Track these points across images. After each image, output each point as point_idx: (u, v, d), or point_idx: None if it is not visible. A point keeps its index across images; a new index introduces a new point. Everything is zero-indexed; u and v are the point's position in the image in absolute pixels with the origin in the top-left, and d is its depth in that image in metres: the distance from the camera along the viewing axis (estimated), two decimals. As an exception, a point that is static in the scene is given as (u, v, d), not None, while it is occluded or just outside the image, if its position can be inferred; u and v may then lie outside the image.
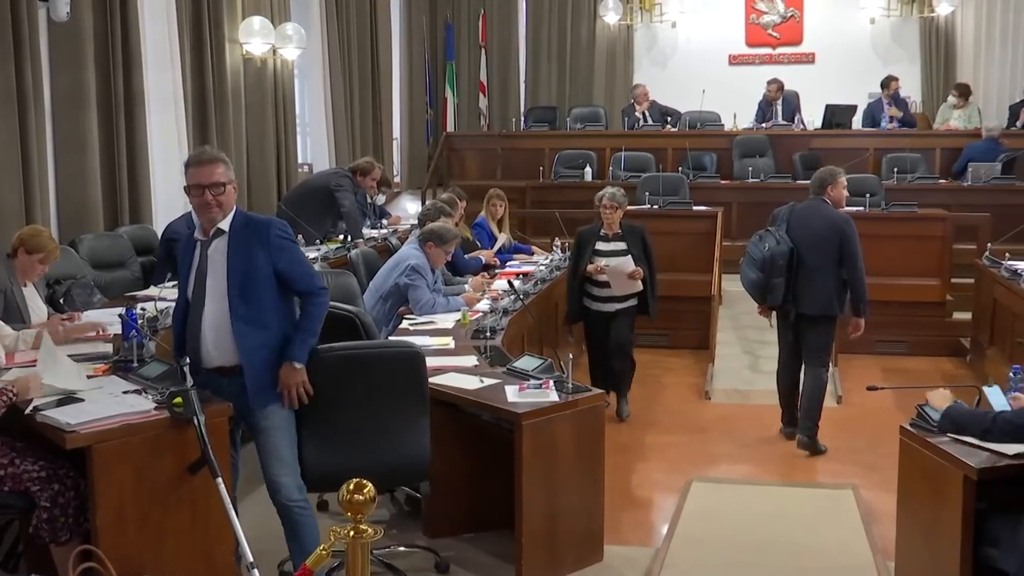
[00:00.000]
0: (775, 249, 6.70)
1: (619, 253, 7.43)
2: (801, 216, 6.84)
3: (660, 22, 15.46)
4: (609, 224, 7.46)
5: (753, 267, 6.79)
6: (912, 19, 14.82)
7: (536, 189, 11.80)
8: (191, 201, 4.29)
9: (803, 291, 6.75)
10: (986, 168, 11.11)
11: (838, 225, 6.72)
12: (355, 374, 4.45)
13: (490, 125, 15.49)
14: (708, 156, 12.15)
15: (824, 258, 6.69)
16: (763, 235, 6.84)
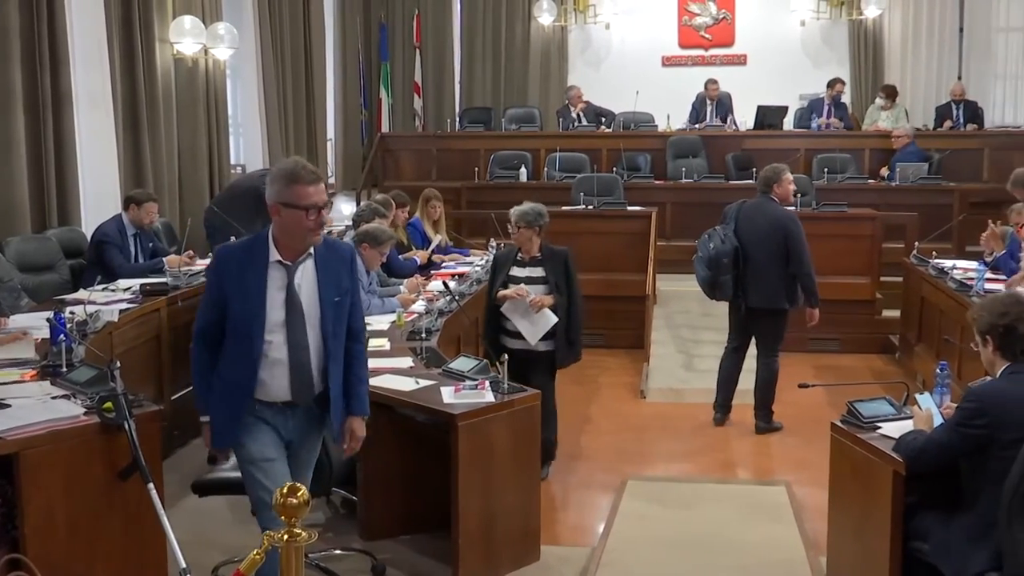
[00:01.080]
0: (719, 248, 7.02)
1: (535, 280, 6.17)
2: (748, 214, 7.12)
3: (594, 23, 15.53)
4: (524, 248, 6.23)
5: (702, 265, 7.12)
6: (841, 21, 15.03)
7: (471, 190, 11.79)
8: (287, 221, 3.83)
9: (751, 286, 7.06)
10: (913, 168, 11.30)
11: (783, 222, 7.00)
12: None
13: (425, 126, 15.45)
14: (642, 157, 12.23)
15: (770, 254, 6.98)
16: (711, 234, 7.14)
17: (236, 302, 3.84)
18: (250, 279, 3.84)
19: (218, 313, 3.88)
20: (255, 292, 3.83)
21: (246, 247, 3.95)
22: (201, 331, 3.94)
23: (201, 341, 3.93)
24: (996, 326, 3.89)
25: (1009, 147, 11.89)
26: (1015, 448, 3.56)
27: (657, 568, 5.12)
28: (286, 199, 3.80)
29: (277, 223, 3.85)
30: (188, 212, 9.85)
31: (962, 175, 11.61)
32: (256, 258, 3.86)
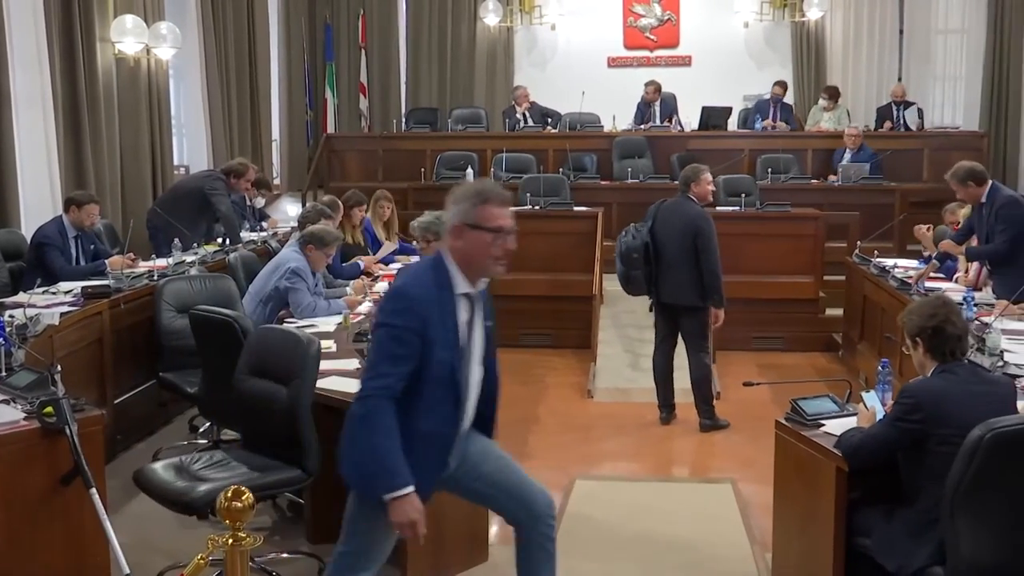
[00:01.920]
0: (629, 243, 7.31)
1: None
2: (665, 213, 7.35)
3: (540, 24, 15.56)
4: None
5: (617, 259, 7.42)
6: (784, 23, 15.19)
7: (418, 191, 11.77)
8: (471, 245, 3.51)
9: (662, 282, 7.30)
10: (855, 168, 11.45)
11: (695, 221, 7.20)
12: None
13: (371, 126, 15.40)
14: (588, 157, 12.27)
15: (681, 252, 7.18)
16: (627, 230, 7.43)
17: (440, 348, 3.45)
18: (448, 319, 3.49)
19: (415, 364, 3.42)
20: (454, 332, 3.50)
21: (432, 281, 3.51)
22: (389, 390, 3.39)
23: (389, 403, 3.39)
24: (925, 328, 3.96)
25: (948, 147, 12.08)
26: (950, 443, 3.62)
27: (604, 566, 5.14)
28: (473, 220, 3.50)
29: (457, 248, 3.53)
30: (130, 213, 9.75)
31: (902, 175, 11.78)
32: (444, 292, 3.51)
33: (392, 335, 3.42)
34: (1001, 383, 4.18)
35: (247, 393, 4.65)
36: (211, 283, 6.83)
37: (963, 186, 7.07)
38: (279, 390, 4.56)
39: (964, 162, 7.38)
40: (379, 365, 3.41)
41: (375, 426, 3.37)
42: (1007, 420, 3.60)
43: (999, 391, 4.00)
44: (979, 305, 6.45)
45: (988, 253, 7.06)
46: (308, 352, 4.55)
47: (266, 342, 4.79)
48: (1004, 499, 3.59)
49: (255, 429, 4.72)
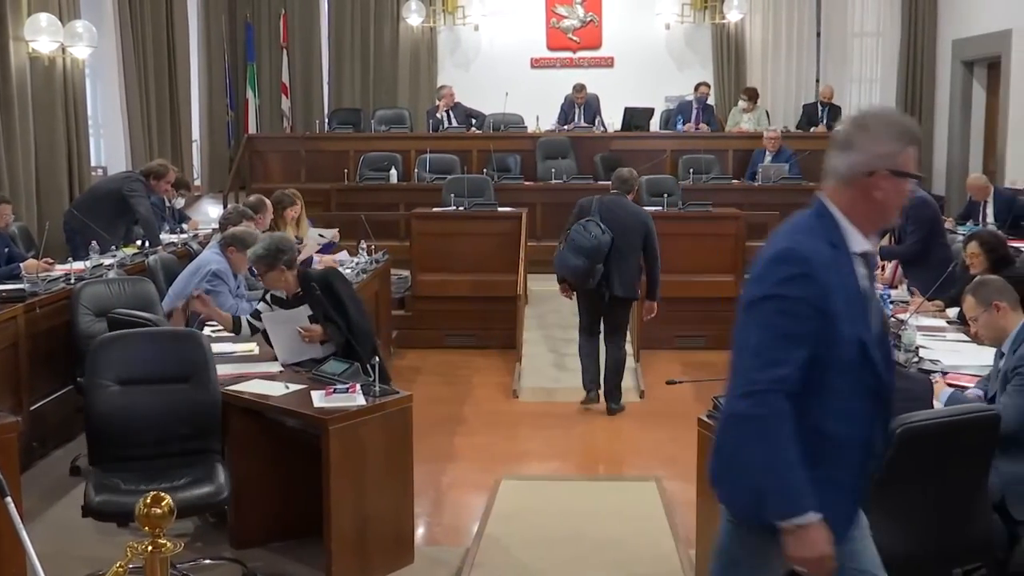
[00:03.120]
0: (601, 238, 7.41)
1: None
2: (609, 209, 7.56)
3: (463, 25, 15.55)
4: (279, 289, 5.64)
5: (579, 255, 7.44)
6: (704, 25, 15.36)
7: (341, 192, 11.71)
8: (888, 196, 2.77)
9: (614, 276, 7.50)
10: (775, 169, 11.63)
11: (643, 218, 7.67)
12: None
13: (293, 127, 15.27)
14: (512, 158, 12.30)
15: (631, 246, 7.53)
16: (587, 225, 7.48)
17: (846, 323, 2.69)
18: (849, 285, 2.75)
19: (811, 347, 2.67)
20: (859, 301, 2.76)
21: (823, 239, 2.78)
22: (786, 382, 2.66)
23: (787, 400, 2.65)
24: None
25: (864, 148, 12.29)
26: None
27: (530, 566, 5.15)
28: (899, 165, 2.76)
29: (867, 199, 2.78)
30: (46, 215, 9.55)
31: (821, 175, 11.94)
32: (840, 252, 2.77)
33: (784, 309, 2.68)
34: (918, 380, 4.28)
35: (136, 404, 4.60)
36: (130, 286, 6.72)
37: None
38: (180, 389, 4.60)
39: None
40: (770, 350, 2.68)
41: (771, 430, 2.63)
42: (918, 415, 3.69)
43: (915, 388, 4.09)
44: (895, 302, 6.59)
45: (901, 253, 7.23)
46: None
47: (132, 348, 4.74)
48: (916, 492, 3.68)
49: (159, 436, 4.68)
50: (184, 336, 4.98)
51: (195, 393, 4.75)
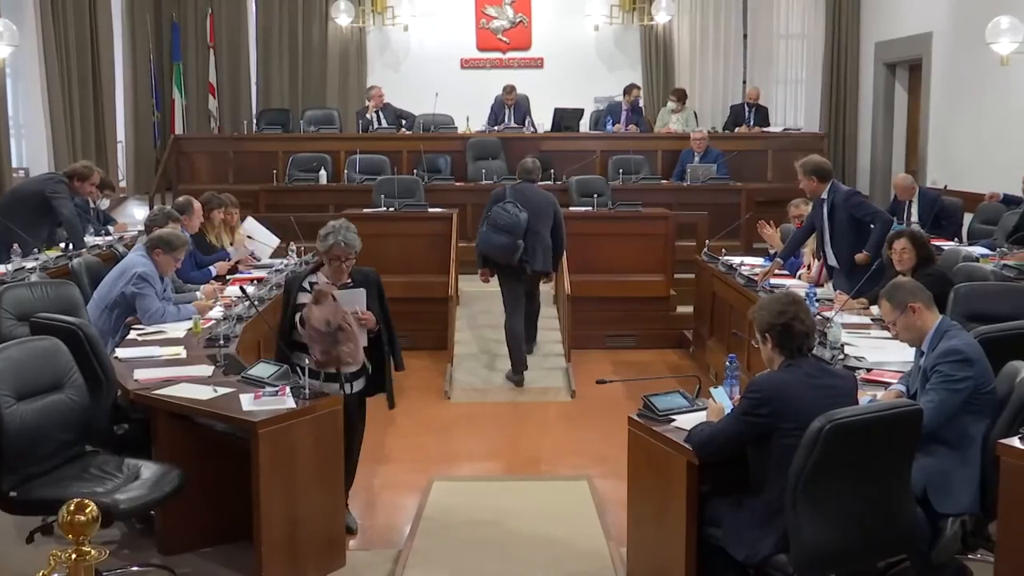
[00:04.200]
0: (519, 215, 8.20)
1: None
2: (520, 193, 8.40)
3: (392, 25, 15.49)
4: (336, 276, 5.38)
5: (501, 232, 8.21)
6: (633, 27, 15.47)
7: (270, 193, 11.62)
8: None
9: (533, 253, 8.30)
10: (703, 169, 11.75)
11: (550, 199, 8.61)
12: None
13: (221, 128, 15.09)
14: (442, 158, 12.29)
15: (544, 225, 8.38)
16: (504, 206, 8.24)
17: None
18: None
19: None
20: None
21: None
22: None
23: None
24: (775, 325, 4.09)
25: (790, 148, 12.44)
26: (795, 436, 3.76)
27: (463, 567, 5.16)
28: None
29: None
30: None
31: (748, 175, 12.15)
32: None
33: None
34: (844, 377, 4.35)
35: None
36: (53, 290, 6.56)
37: (807, 178, 7.35)
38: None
39: (817, 156, 7.71)
40: None
41: None
42: (845, 411, 3.76)
43: (842, 385, 4.16)
44: (821, 300, 6.69)
45: (882, 234, 7.22)
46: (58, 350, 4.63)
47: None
48: (842, 487, 3.75)
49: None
50: (46, 345, 4.81)
51: (72, 397, 4.68)
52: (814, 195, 7.41)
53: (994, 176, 10.17)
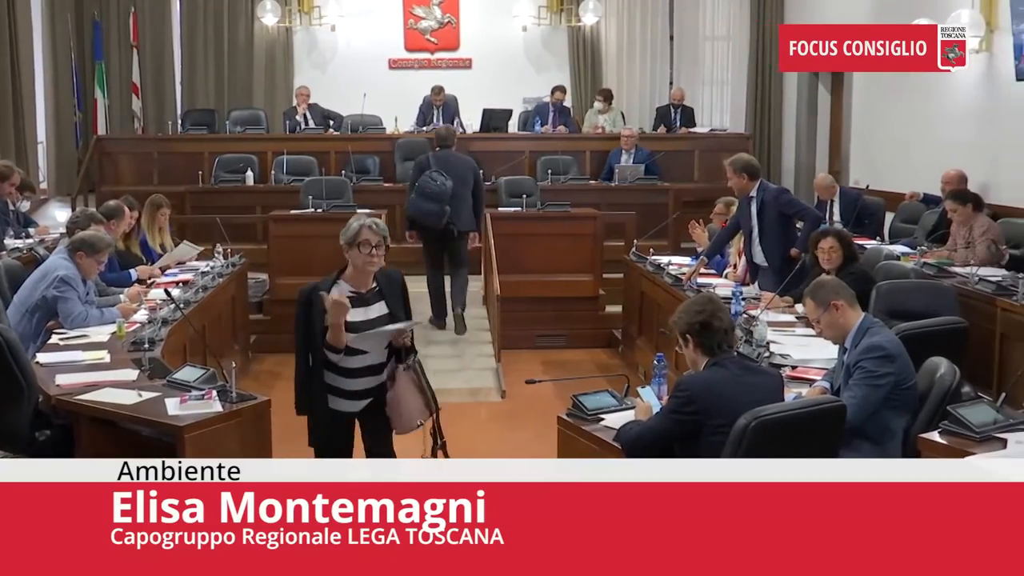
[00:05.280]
0: (445, 184, 9.02)
1: (381, 321, 4.96)
2: (443, 160, 9.22)
3: (319, 25, 15.35)
4: (361, 281, 4.96)
5: (430, 200, 9.04)
6: (561, 28, 15.51)
7: (196, 194, 11.48)
8: None
9: (457, 214, 9.12)
10: (631, 169, 11.83)
11: (471, 164, 9.49)
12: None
13: (145, 128, 14.85)
14: (371, 159, 12.22)
15: (466, 188, 9.21)
16: (432, 175, 9.05)
17: None
18: None
19: None
20: None
21: None
22: None
23: None
24: (693, 325, 4.14)
25: (716, 149, 12.61)
26: (723, 433, 3.81)
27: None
28: None
29: None
30: None
31: (675, 175, 12.26)
32: None
33: None
34: (770, 374, 4.41)
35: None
36: (-28, 294, 6.46)
37: (737, 175, 7.43)
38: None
39: (746, 154, 7.82)
40: None
41: None
42: (770, 408, 3.82)
43: (767, 382, 4.22)
44: (747, 299, 6.76)
45: (811, 232, 7.32)
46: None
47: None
48: (770, 483, 3.80)
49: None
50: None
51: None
52: (743, 192, 7.50)
53: (914, 176, 10.39)
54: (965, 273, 7.25)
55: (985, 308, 6.64)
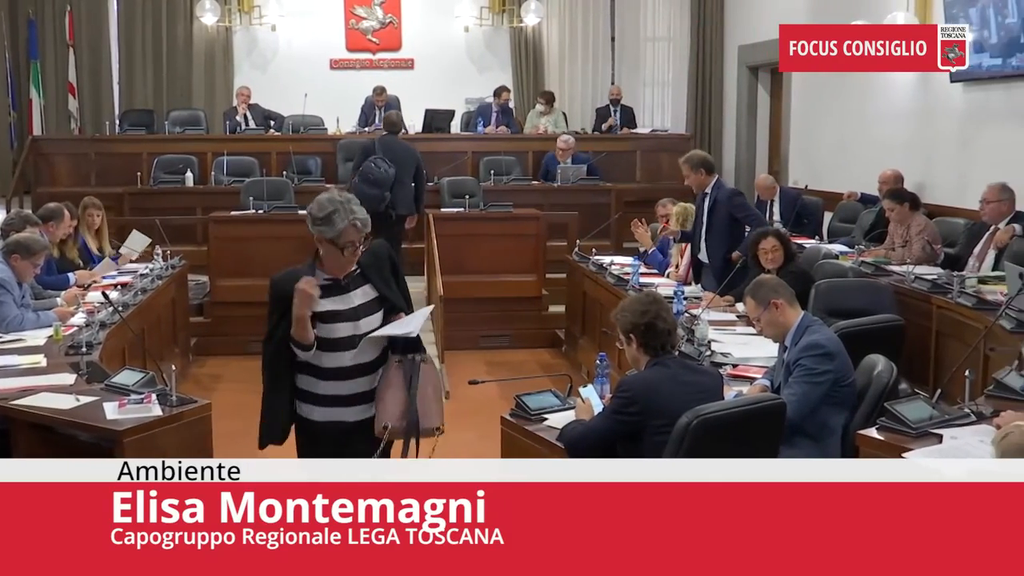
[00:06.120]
0: (388, 171, 9.62)
1: (368, 308, 4.28)
2: (388, 146, 9.80)
3: (260, 25, 15.21)
4: (335, 266, 4.33)
5: (373, 186, 9.57)
6: (503, 29, 15.51)
7: (134, 196, 11.35)
8: None
9: (397, 199, 9.71)
10: (574, 170, 11.88)
11: (414, 152, 10.06)
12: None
13: (82, 128, 14.63)
14: (312, 160, 12.16)
15: (408, 175, 9.80)
16: (376, 162, 9.64)
17: None
18: None
19: None
20: None
21: None
22: None
23: None
24: (638, 325, 4.15)
25: (658, 149, 12.72)
26: (665, 433, 3.83)
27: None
28: None
29: None
30: None
31: (617, 176, 12.32)
32: None
33: None
34: (710, 374, 4.44)
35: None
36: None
37: (695, 172, 7.50)
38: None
39: (699, 151, 7.94)
40: None
41: None
42: (711, 407, 3.85)
43: (708, 381, 4.25)
44: (688, 298, 6.82)
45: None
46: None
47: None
48: (712, 481, 3.83)
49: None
50: None
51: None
52: (700, 188, 7.57)
53: (852, 176, 10.54)
54: (902, 271, 7.37)
55: (921, 306, 6.75)
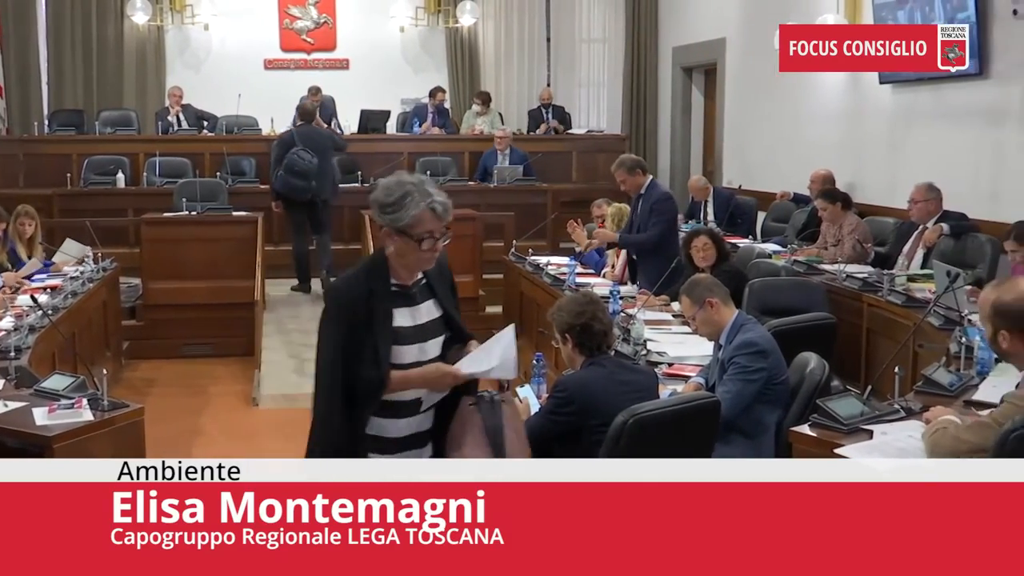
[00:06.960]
0: (312, 162, 10.24)
1: (432, 327, 3.64)
2: (307, 136, 10.45)
3: (192, 24, 15.03)
4: (410, 270, 3.60)
5: (299, 177, 10.22)
6: (439, 29, 15.48)
7: (64, 197, 11.18)
8: None
9: (321, 185, 10.37)
10: (510, 170, 11.90)
11: (329, 134, 11.04)
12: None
13: (9, 129, 14.33)
14: (247, 161, 12.05)
15: (328, 161, 10.51)
16: (300, 153, 10.23)
17: None
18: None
19: None
20: None
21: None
22: None
23: None
24: (574, 326, 4.18)
25: (593, 150, 12.78)
26: (602, 432, 3.85)
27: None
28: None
29: None
30: None
31: (553, 176, 12.36)
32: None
33: None
34: (645, 373, 4.48)
35: None
36: None
37: (630, 174, 7.51)
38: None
39: (629, 154, 8.01)
40: None
41: None
42: (647, 406, 3.88)
43: (644, 380, 4.28)
44: (624, 298, 6.86)
45: (639, 242, 7.49)
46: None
47: None
48: (647, 479, 3.85)
49: None
50: None
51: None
52: (636, 188, 7.59)
53: (784, 176, 10.67)
54: (833, 270, 7.48)
55: (852, 304, 6.86)
